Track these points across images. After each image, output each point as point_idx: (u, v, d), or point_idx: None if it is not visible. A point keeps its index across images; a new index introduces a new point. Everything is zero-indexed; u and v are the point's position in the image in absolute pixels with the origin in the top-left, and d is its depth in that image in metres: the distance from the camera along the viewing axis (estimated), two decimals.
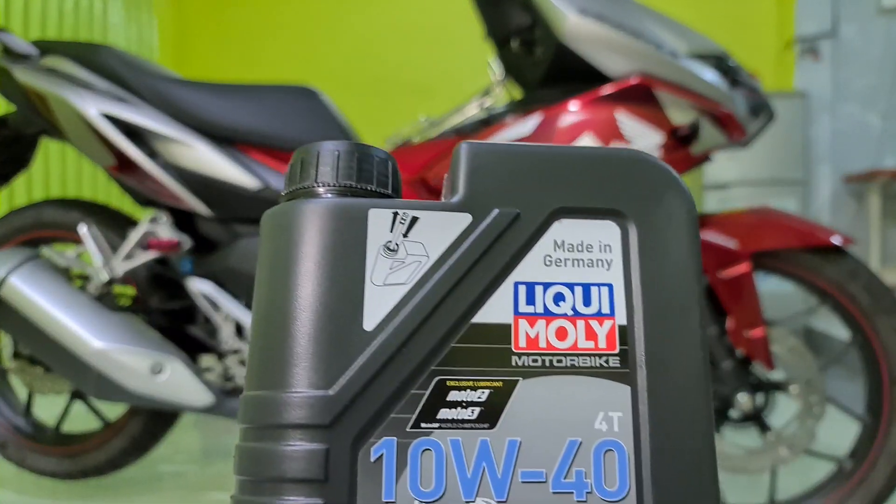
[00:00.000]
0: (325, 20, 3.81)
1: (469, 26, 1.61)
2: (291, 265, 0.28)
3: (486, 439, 0.27)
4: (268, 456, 0.27)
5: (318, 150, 0.31)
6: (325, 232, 0.28)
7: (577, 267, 0.29)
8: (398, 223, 0.29)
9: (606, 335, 0.29)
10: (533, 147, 0.31)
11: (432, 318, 0.28)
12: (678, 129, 1.05)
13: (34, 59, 1.23)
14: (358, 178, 0.31)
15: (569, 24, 1.04)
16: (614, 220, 0.30)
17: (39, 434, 1.39)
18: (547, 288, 0.29)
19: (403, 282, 0.28)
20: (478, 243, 0.29)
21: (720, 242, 1.10)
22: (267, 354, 0.28)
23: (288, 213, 0.29)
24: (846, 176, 3.40)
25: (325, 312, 0.27)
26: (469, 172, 0.30)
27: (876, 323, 1.06)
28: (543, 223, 0.30)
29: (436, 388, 0.27)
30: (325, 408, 0.26)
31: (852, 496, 1.08)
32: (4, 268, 1.16)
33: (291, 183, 0.31)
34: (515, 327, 0.28)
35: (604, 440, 0.28)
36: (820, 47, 3.41)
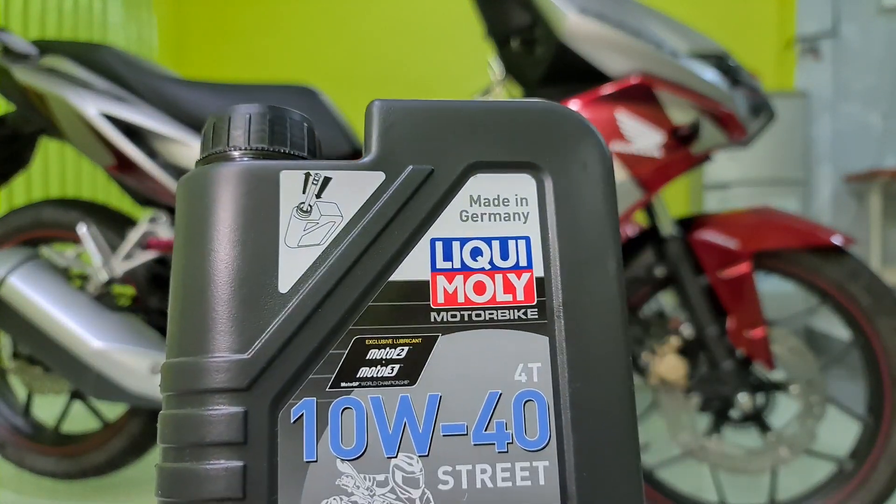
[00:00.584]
0: (324, 19, 3.81)
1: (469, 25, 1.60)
2: (205, 230, 0.28)
3: (407, 395, 0.27)
4: (188, 422, 0.27)
5: (231, 115, 0.31)
6: (237, 195, 0.28)
7: (494, 221, 0.30)
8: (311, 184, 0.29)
9: (524, 288, 0.29)
10: (446, 102, 0.31)
11: (348, 277, 0.28)
12: (679, 128, 1.05)
13: (33, 58, 1.23)
14: (270, 140, 0.31)
15: (569, 24, 1.04)
16: (530, 173, 0.30)
17: (39, 434, 1.39)
18: (464, 243, 0.29)
19: (318, 243, 0.28)
20: (392, 201, 0.29)
21: (721, 242, 1.10)
22: (184, 321, 0.28)
23: (200, 178, 0.29)
24: (847, 176, 3.40)
25: (240, 276, 0.27)
26: (382, 130, 0.30)
27: (876, 323, 1.06)
28: (458, 178, 0.30)
29: (354, 347, 0.27)
30: (241, 371, 0.26)
31: (853, 497, 1.08)
32: (4, 268, 1.16)
33: (205, 148, 0.31)
34: (433, 283, 0.28)
35: (523, 391, 0.28)
36: (821, 47, 3.41)
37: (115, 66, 1.21)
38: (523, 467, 0.27)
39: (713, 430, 1.14)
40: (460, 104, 0.31)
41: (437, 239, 0.29)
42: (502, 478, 0.27)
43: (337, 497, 0.26)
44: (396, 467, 0.27)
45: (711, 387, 1.11)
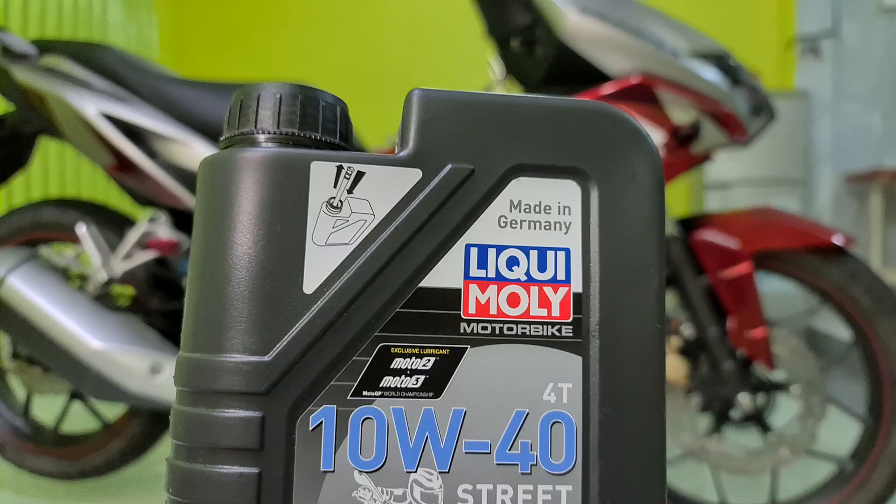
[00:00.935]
0: (324, 19, 3.81)
1: (469, 25, 1.60)
2: (227, 220, 0.26)
3: (431, 408, 0.26)
4: (202, 422, 0.26)
5: (259, 93, 0.29)
6: (264, 185, 0.26)
7: (534, 229, 0.28)
8: (343, 178, 0.27)
9: (560, 303, 0.27)
10: (491, 96, 0.29)
11: (377, 281, 0.26)
12: (679, 128, 1.05)
13: (33, 58, 1.22)
14: (301, 124, 0.28)
15: (569, 23, 1.03)
16: (575, 180, 0.28)
17: (38, 435, 1.39)
18: (500, 251, 0.27)
19: (347, 242, 0.27)
20: (428, 202, 0.27)
21: (721, 242, 1.09)
22: (202, 315, 0.27)
23: (224, 162, 0.27)
24: (847, 176, 3.40)
25: (263, 273, 0.26)
26: (421, 123, 0.28)
27: (877, 324, 1.06)
28: (499, 181, 0.28)
29: (379, 355, 0.26)
30: (260, 375, 0.25)
31: (853, 497, 1.08)
32: (3, 268, 1.15)
33: (230, 128, 0.29)
34: (465, 292, 0.27)
35: (552, 412, 0.27)
36: (821, 47, 3.41)
37: (115, 65, 1.20)
38: (546, 490, 0.26)
39: (714, 430, 1.14)
40: (506, 98, 0.29)
41: (472, 245, 0.27)
42: (524, 500, 0.26)
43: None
44: (415, 482, 0.26)
45: (712, 387, 1.11)
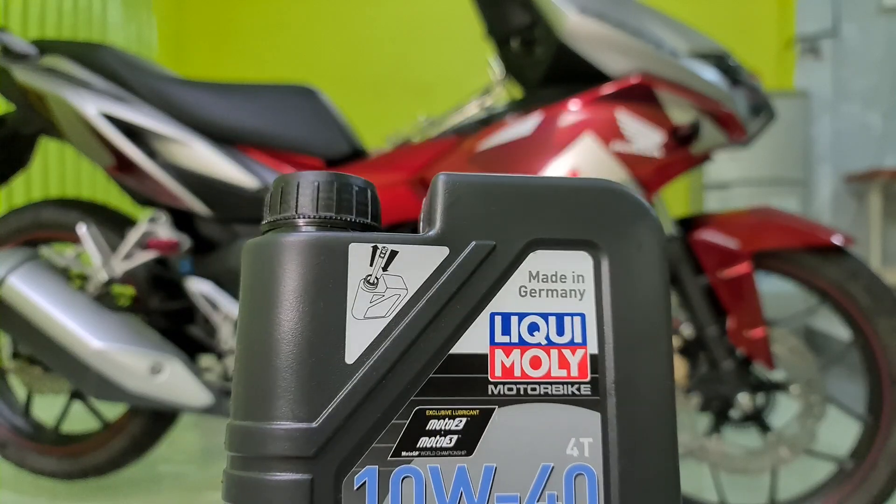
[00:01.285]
0: (324, 19, 3.81)
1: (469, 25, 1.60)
2: (273, 298, 0.29)
3: (464, 466, 0.28)
4: (255, 485, 0.27)
5: (298, 181, 0.31)
6: (306, 266, 0.29)
7: (551, 297, 0.30)
8: (378, 257, 0.29)
9: (578, 364, 0.30)
10: (508, 178, 0.31)
11: (412, 349, 0.29)
12: (679, 128, 1.05)
13: (33, 58, 1.23)
14: (338, 209, 0.31)
15: (569, 23, 1.04)
16: (587, 251, 0.31)
17: (39, 434, 1.39)
18: (522, 318, 0.30)
19: (383, 315, 0.29)
20: (455, 276, 0.30)
21: (721, 242, 1.10)
22: (251, 386, 0.29)
23: (269, 245, 0.30)
24: (847, 175, 3.40)
25: (308, 346, 0.28)
26: (446, 205, 0.30)
27: (876, 323, 1.06)
28: (519, 254, 0.30)
29: (415, 418, 0.28)
30: (309, 440, 0.27)
31: (853, 496, 1.08)
32: (3, 268, 1.16)
33: (272, 213, 0.32)
34: (492, 357, 0.29)
35: (575, 465, 0.29)
36: (821, 46, 3.41)
37: (115, 66, 1.21)
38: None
39: (713, 430, 1.14)
40: (522, 180, 0.32)
41: (496, 313, 0.30)
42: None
43: None
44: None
45: (711, 387, 1.11)
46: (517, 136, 1.07)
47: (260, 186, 1.15)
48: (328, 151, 1.20)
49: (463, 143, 1.11)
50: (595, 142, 1.03)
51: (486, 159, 1.07)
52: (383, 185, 1.13)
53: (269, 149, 1.19)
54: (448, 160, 1.10)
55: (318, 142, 1.20)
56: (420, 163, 1.13)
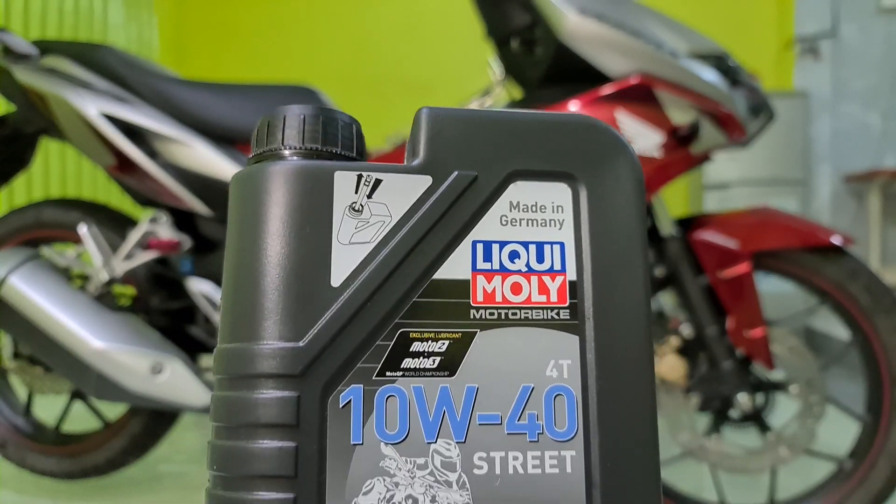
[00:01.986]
0: (324, 19, 3.81)
1: (469, 26, 1.60)
2: (260, 225, 0.30)
3: (447, 386, 0.29)
4: (242, 404, 0.28)
5: (285, 114, 0.32)
6: (293, 193, 0.30)
7: (531, 226, 0.31)
8: (363, 185, 0.30)
9: (558, 290, 0.31)
10: (490, 112, 0.33)
11: (396, 274, 0.30)
12: (678, 128, 1.05)
13: (34, 58, 1.23)
14: (323, 141, 0.32)
15: (569, 24, 1.04)
16: (566, 183, 0.32)
17: (39, 434, 1.39)
18: (503, 246, 0.31)
19: (368, 241, 0.30)
20: (438, 204, 0.31)
21: (720, 242, 1.10)
22: (239, 309, 0.30)
23: (256, 175, 0.30)
24: (846, 176, 3.40)
25: (294, 269, 0.29)
26: (429, 136, 0.31)
27: (876, 323, 1.06)
28: (500, 185, 0.31)
29: (399, 340, 0.29)
30: (296, 358, 0.28)
31: (852, 496, 1.08)
32: (4, 268, 1.16)
33: (258, 146, 0.32)
34: (473, 283, 0.30)
35: (554, 386, 0.30)
36: (820, 47, 3.41)
37: (116, 66, 1.21)
38: (552, 456, 0.29)
39: (713, 429, 1.14)
40: (503, 114, 0.32)
41: (478, 241, 0.31)
42: (532, 465, 0.29)
43: (380, 478, 0.28)
44: (436, 452, 0.29)
45: (711, 386, 1.11)
46: None
47: None
48: None
49: None
50: None
51: None
52: None
53: None
54: None
55: None
56: None
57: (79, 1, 2.92)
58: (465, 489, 0.28)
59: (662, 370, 1.11)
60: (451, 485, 0.28)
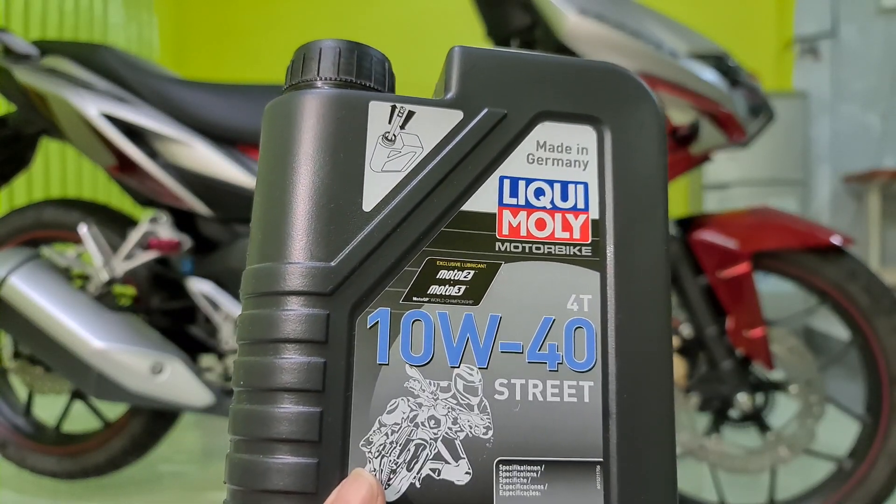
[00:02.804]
0: (325, 20, 3.82)
1: (469, 26, 1.61)
2: (294, 149, 0.30)
3: (471, 314, 0.30)
4: (271, 320, 0.29)
5: (320, 47, 0.33)
6: (328, 119, 0.30)
7: (557, 166, 0.32)
8: (396, 116, 0.31)
9: (580, 227, 0.32)
10: (521, 53, 0.33)
11: (425, 203, 0.30)
12: (678, 129, 1.05)
13: (34, 59, 1.23)
14: (357, 74, 0.33)
15: (569, 24, 1.04)
16: (591, 126, 0.33)
17: (40, 434, 1.39)
18: (529, 183, 0.32)
19: (399, 169, 0.31)
20: (468, 138, 0.31)
21: (720, 242, 1.10)
22: (270, 230, 0.30)
23: (291, 102, 0.31)
24: (846, 176, 3.40)
25: (327, 192, 0.30)
26: (461, 73, 0.32)
27: (875, 323, 1.06)
28: (528, 124, 0.32)
29: (427, 266, 0.30)
30: (326, 277, 0.29)
31: (852, 496, 1.08)
32: (4, 268, 1.16)
33: (293, 77, 0.33)
34: (499, 216, 0.31)
35: (574, 318, 0.31)
36: (820, 47, 3.41)
37: (116, 66, 1.21)
38: (571, 385, 0.30)
39: (713, 429, 1.14)
40: (534, 56, 0.33)
41: (505, 177, 0.32)
42: (552, 393, 0.30)
43: (404, 398, 0.29)
44: (458, 376, 0.29)
45: (711, 386, 1.11)
46: None
47: None
48: None
49: None
50: None
51: None
52: None
53: None
54: None
55: None
56: None
57: (79, 1, 2.93)
58: (485, 413, 0.29)
59: None
60: (473, 408, 0.29)
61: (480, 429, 0.29)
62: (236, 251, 1.19)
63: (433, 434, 0.29)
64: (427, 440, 0.29)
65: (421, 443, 0.29)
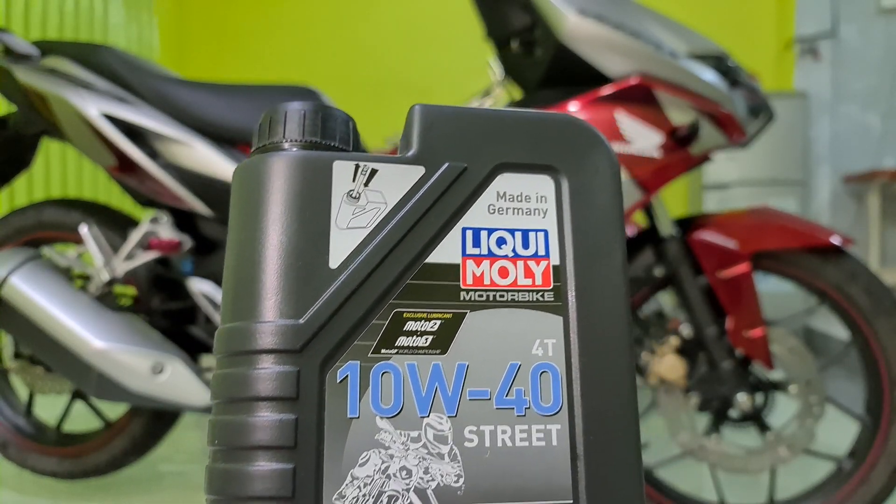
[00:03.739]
0: (325, 20, 3.82)
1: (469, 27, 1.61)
2: (262, 211, 0.31)
3: (439, 363, 0.31)
4: (243, 379, 0.30)
5: (286, 109, 0.34)
6: (294, 180, 0.32)
7: (517, 215, 0.34)
8: (360, 174, 0.32)
9: (542, 273, 0.33)
10: (478, 109, 0.35)
11: (390, 257, 0.32)
12: (678, 129, 1.05)
13: (35, 59, 1.23)
14: (322, 134, 0.34)
15: (568, 25, 1.04)
16: (549, 175, 0.34)
17: (40, 434, 1.39)
18: (491, 233, 0.33)
19: (364, 225, 0.32)
20: (430, 193, 0.33)
21: (720, 243, 1.10)
22: (241, 290, 0.31)
23: (259, 164, 0.32)
24: (846, 176, 3.40)
25: (294, 251, 0.31)
26: (422, 130, 0.34)
27: (875, 324, 1.06)
28: (488, 176, 0.34)
29: (394, 319, 0.31)
30: (296, 335, 0.30)
31: (852, 496, 1.08)
32: (5, 268, 1.16)
33: (261, 139, 0.34)
34: (463, 267, 0.32)
35: (540, 363, 0.32)
36: (820, 47, 3.41)
37: (116, 66, 1.21)
38: (538, 429, 0.31)
39: (712, 429, 1.14)
40: (491, 112, 0.35)
41: (467, 228, 0.33)
42: (520, 438, 0.31)
43: (376, 450, 0.29)
44: (428, 425, 0.30)
45: (711, 386, 1.11)
46: None
47: None
48: None
49: None
50: None
51: None
52: None
53: None
54: None
55: None
56: None
57: (79, 2, 2.93)
58: (456, 461, 0.30)
59: (662, 370, 1.11)
60: (443, 457, 0.30)
61: (451, 477, 0.30)
62: None
63: (405, 485, 0.29)
64: (399, 491, 0.29)
65: (394, 494, 0.29)
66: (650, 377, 1.13)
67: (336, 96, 1.32)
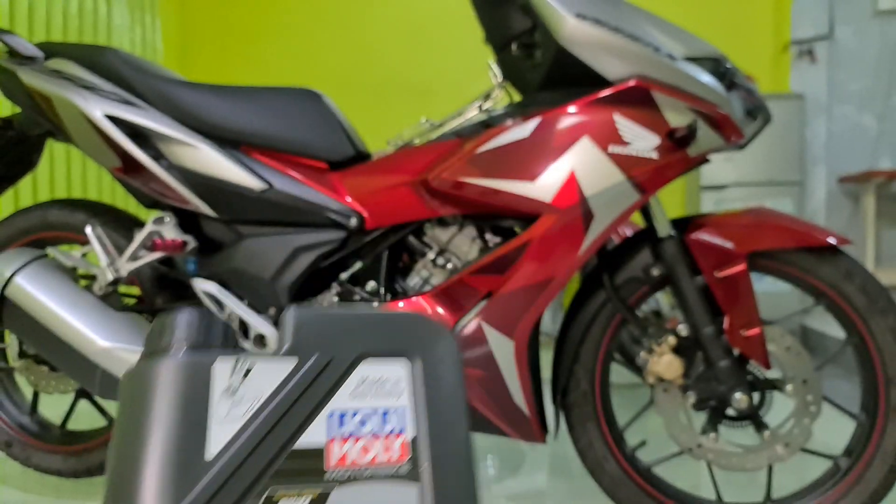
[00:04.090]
0: (328, 23, 3.83)
1: (469, 30, 1.62)
2: (147, 411, 0.35)
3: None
4: None
5: (175, 317, 0.40)
6: (177, 383, 0.36)
7: (377, 396, 0.39)
8: (238, 371, 0.37)
9: (400, 447, 0.39)
10: (344, 311, 0.40)
11: (262, 445, 0.36)
12: (675, 130, 1.06)
13: (39, 61, 1.24)
14: (205, 340, 0.39)
15: (567, 28, 1.05)
16: (403, 361, 0.41)
17: (45, 433, 1.40)
18: (354, 414, 0.39)
19: (241, 416, 0.36)
20: (300, 382, 0.38)
21: (717, 243, 1.11)
22: (121, 483, 0.34)
23: (146, 370, 0.37)
24: (841, 177, 3.42)
25: (173, 447, 0.35)
26: (295, 329, 0.40)
27: (871, 323, 1.08)
28: (351, 365, 0.40)
29: (268, 500, 0.35)
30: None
31: (848, 494, 1.09)
32: (10, 267, 1.17)
33: (151, 343, 0.39)
34: (329, 448, 0.38)
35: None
36: (816, 49, 3.43)
37: (120, 68, 1.22)
38: None
39: (710, 427, 1.15)
40: (354, 311, 0.41)
41: (333, 411, 0.38)
42: None
43: None
44: None
45: (708, 385, 1.12)
46: (516, 138, 1.08)
47: (264, 188, 1.17)
48: (331, 154, 1.22)
49: (464, 145, 1.13)
50: (593, 145, 1.05)
51: (486, 161, 1.09)
52: (386, 187, 1.15)
53: (274, 151, 1.21)
54: (449, 162, 1.11)
55: (322, 144, 1.21)
56: (422, 165, 1.15)
57: (83, 4, 2.94)
58: None
59: (659, 369, 1.13)
60: None
61: None
62: (240, 252, 1.20)
63: None
64: None
65: None
66: (648, 376, 1.14)
67: (339, 98, 1.33)
